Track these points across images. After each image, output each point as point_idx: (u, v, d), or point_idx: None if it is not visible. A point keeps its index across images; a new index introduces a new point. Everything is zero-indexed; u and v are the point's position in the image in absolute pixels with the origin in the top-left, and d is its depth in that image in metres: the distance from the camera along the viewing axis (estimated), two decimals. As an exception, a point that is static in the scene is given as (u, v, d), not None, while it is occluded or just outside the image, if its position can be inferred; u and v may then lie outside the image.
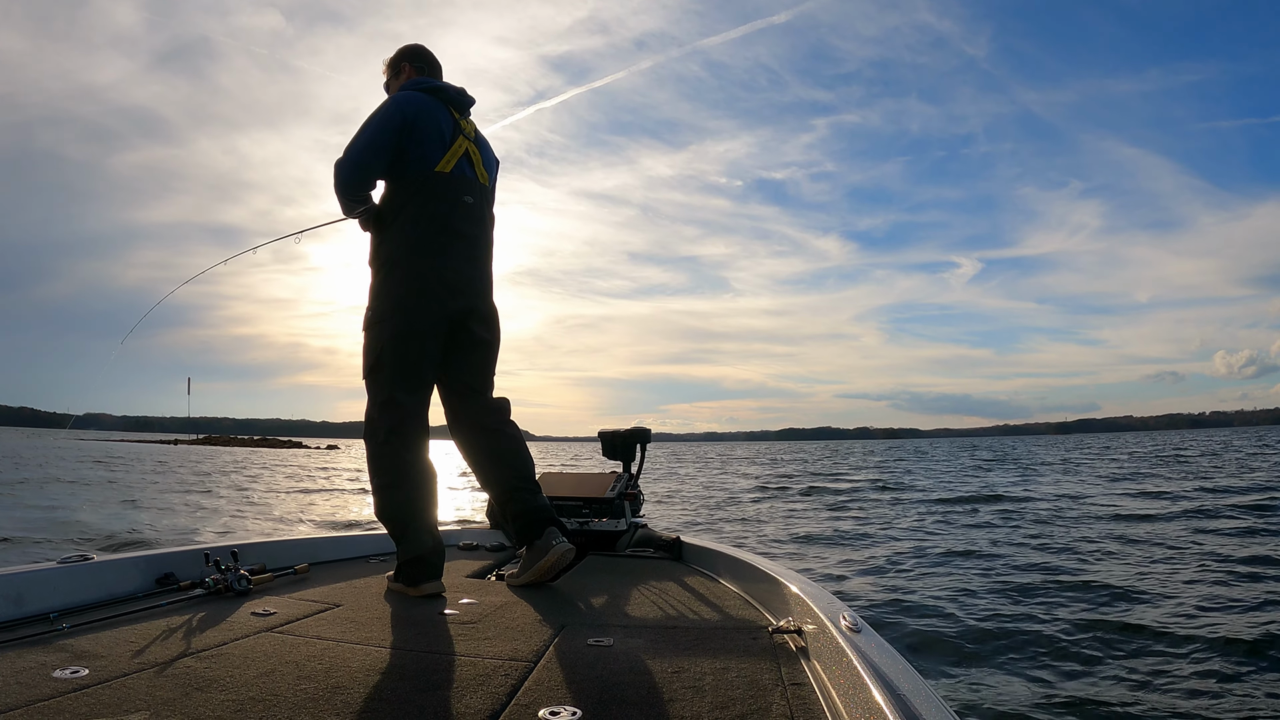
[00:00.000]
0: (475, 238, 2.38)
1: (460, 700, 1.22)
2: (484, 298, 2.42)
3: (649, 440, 3.35)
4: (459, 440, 2.43)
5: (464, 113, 2.47)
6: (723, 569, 2.44)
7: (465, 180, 2.36)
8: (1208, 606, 5.25)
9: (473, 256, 2.37)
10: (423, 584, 2.14)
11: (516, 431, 2.44)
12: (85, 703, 1.15)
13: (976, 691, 3.79)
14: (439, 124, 2.33)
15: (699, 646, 1.58)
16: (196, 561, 2.09)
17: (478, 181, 2.41)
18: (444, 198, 2.31)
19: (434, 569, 2.19)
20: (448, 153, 2.34)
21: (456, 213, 2.32)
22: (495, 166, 2.56)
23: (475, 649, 1.54)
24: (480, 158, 2.45)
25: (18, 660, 1.35)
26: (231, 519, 11.59)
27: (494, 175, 2.54)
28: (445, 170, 2.32)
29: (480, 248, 2.41)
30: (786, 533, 10.05)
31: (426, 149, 2.30)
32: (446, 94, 2.43)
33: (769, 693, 1.27)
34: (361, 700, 1.20)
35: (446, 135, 2.34)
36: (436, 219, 2.29)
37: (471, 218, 2.36)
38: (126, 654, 1.42)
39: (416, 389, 2.29)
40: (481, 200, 2.41)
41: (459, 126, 2.39)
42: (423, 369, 2.29)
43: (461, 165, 2.37)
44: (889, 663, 1.17)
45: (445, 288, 2.28)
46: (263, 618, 1.74)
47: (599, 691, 1.27)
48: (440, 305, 2.28)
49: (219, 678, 1.29)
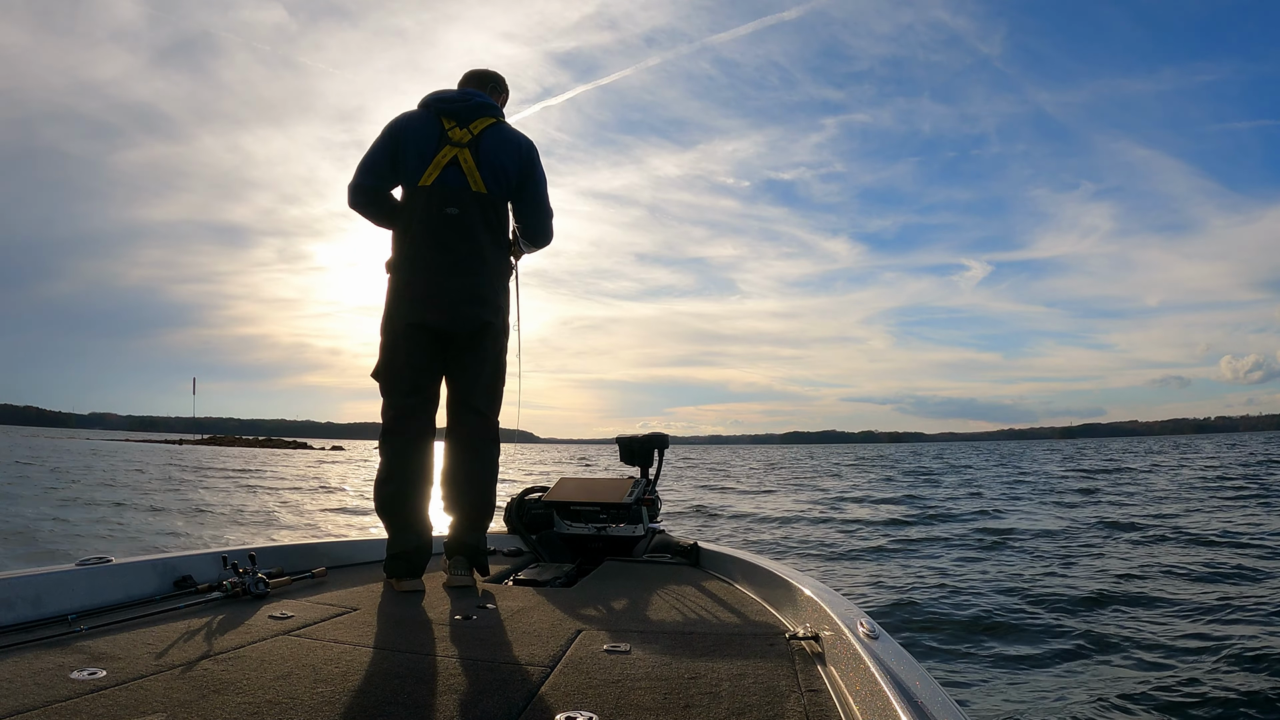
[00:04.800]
0: (458, 249, 2.34)
1: (477, 704, 1.22)
2: (471, 309, 2.36)
3: (666, 446, 3.36)
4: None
5: (462, 119, 2.41)
6: (740, 575, 2.44)
7: (448, 191, 2.34)
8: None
9: (455, 269, 2.34)
10: (402, 579, 2.22)
11: (474, 460, 2.44)
12: (102, 704, 1.15)
13: (996, 700, 3.77)
14: (420, 138, 2.36)
15: (716, 652, 1.58)
16: (214, 564, 2.10)
17: (467, 190, 2.36)
18: (424, 211, 2.34)
19: (413, 567, 2.25)
20: (429, 165, 2.35)
21: (437, 226, 2.33)
22: (506, 170, 2.43)
23: (492, 653, 1.55)
24: (476, 165, 2.38)
25: (35, 661, 1.36)
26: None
27: (502, 180, 2.43)
28: (426, 184, 2.35)
29: (467, 259, 2.35)
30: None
31: (409, 164, 2.36)
32: (440, 104, 2.43)
33: (786, 699, 1.27)
34: (378, 704, 1.20)
35: (428, 148, 2.35)
36: (415, 233, 2.35)
37: (456, 229, 2.34)
38: (144, 656, 1.42)
39: (409, 393, 2.37)
40: (472, 210, 2.36)
41: (445, 136, 2.37)
42: (412, 376, 2.37)
43: (446, 177, 2.35)
44: (906, 670, 1.17)
45: (420, 301, 2.33)
46: (280, 621, 1.75)
47: (616, 697, 1.27)
48: (417, 317, 2.33)
49: (236, 680, 1.29)
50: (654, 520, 3.22)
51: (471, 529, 2.40)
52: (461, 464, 2.44)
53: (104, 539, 9.21)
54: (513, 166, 2.45)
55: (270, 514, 13.05)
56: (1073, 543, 8.89)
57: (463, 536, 2.38)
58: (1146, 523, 10.44)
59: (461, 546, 2.37)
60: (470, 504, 2.42)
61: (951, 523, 11.39)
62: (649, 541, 3.06)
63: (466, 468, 2.44)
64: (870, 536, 9.98)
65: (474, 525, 2.41)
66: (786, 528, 11.29)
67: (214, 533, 10.50)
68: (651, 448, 3.32)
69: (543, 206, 2.59)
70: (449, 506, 2.45)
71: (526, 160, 2.49)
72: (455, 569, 2.33)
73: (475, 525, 2.41)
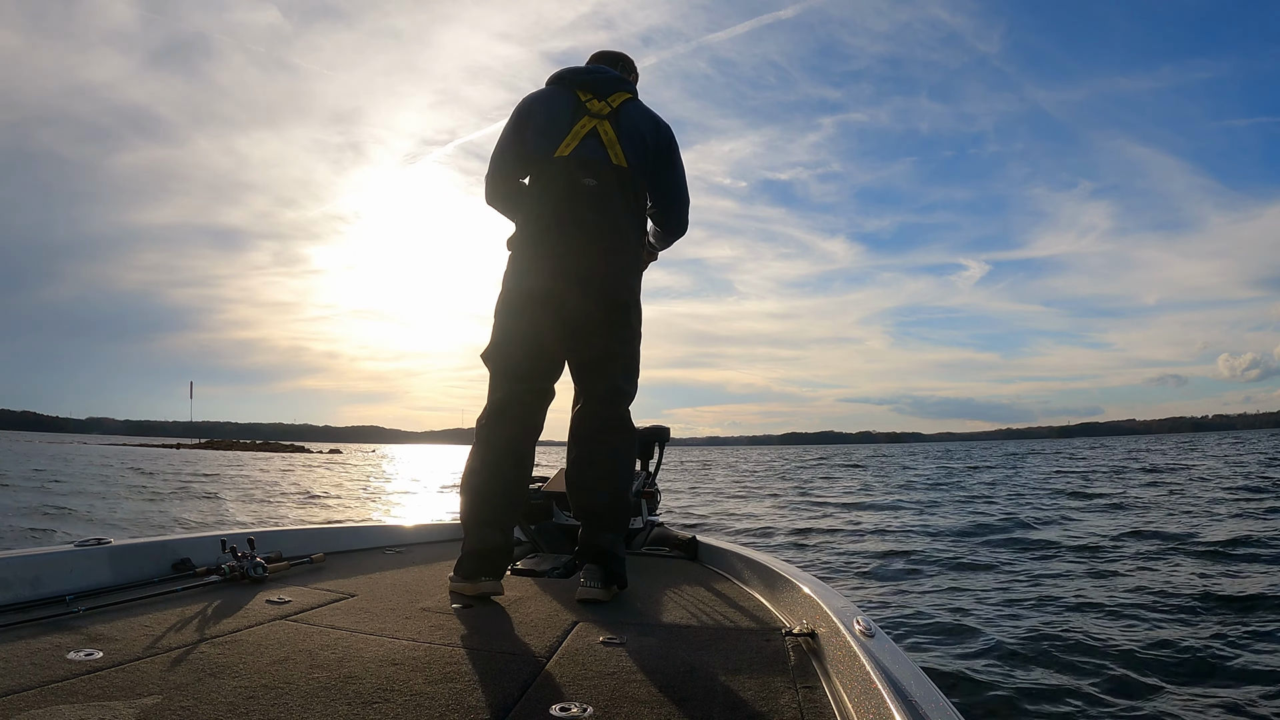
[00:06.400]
0: (597, 224, 2.16)
1: (472, 694, 1.22)
2: (606, 286, 2.17)
3: (667, 440, 3.34)
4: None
5: (600, 92, 2.27)
6: (738, 570, 2.44)
7: (587, 162, 2.18)
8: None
9: (592, 243, 2.15)
10: (479, 581, 2.00)
11: (603, 450, 2.19)
12: (98, 685, 1.16)
13: (990, 699, 3.79)
14: (555, 110, 2.23)
15: (712, 647, 1.58)
16: (213, 548, 2.10)
17: (608, 163, 2.20)
18: (560, 182, 2.17)
19: (495, 567, 2.03)
20: (567, 136, 2.19)
21: (574, 198, 2.15)
22: (646, 146, 2.28)
23: (488, 643, 1.55)
24: (617, 137, 2.22)
25: (32, 641, 1.36)
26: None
27: (643, 156, 2.26)
28: (563, 154, 2.18)
29: (604, 234, 2.17)
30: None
31: (543, 138, 2.20)
32: (575, 76, 2.31)
33: (780, 695, 1.28)
34: (373, 691, 1.21)
35: (563, 119, 2.21)
36: (550, 206, 2.16)
37: (594, 202, 2.16)
38: (141, 638, 1.43)
39: (523, 377, 2.17)
40: (611, 183, 2.19)
41: (583, 107, 2.23)
42: (530, 360, 2.17)
43: (585, 148, 2.19)
44: (901, 668, 1.17)
45: (550, 278, 2.13)
46: (277, 606, 1.76)
47: (611, 689, 1.27)
48: (545, 295, 2.14)
49: (232, 664, 1.30)
50: (653, 513, 3.22)
51: (604, 530, 2.11)
52: (591, 457, 2.19)
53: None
54: (653, 144, 2.30)
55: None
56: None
57: (594, 540, 2.09)
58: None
59: (594, 552, 2.08)
60: (602, 503, 2.14)
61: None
62: (647, 534, 3.06)
63: (597, 461, 2.18)
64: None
65: (607, 526, 2.12)
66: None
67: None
68: (652, 441, 3.30)
69: (682, 189, 2.45)
70: (577, 506, 2.20)
71: (666, 139, 2.34)
72: (588, 579, 2.03)
73: (608, 526, 2.12)
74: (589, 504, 2.17)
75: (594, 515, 2.15)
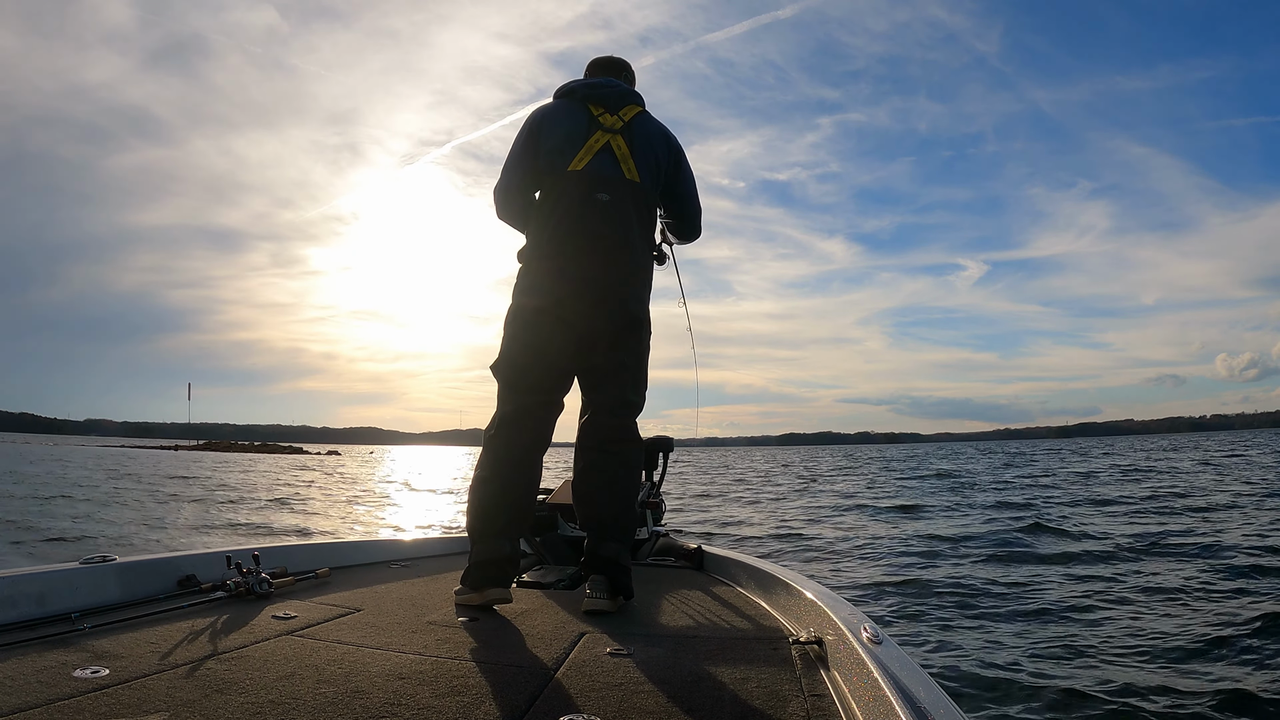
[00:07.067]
0: (609, 238, 2.18)
1: (480, 707, 1.22)
2: (617, 300, 2.19)
3: (671, 449, 3.33)
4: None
5: (611, 106, 2.29)
6: (744, 579, 2.44)
7: (600, 177, 2.19)
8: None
9: (604, 257, 2.17)
10: (486, 590, 2.00)
11: (610, 461, 2.22)
12: (105, 702, 1.16)
13: (1002, 708, 3.75)
14: (567, 124, 2.24)
15: (719, 656, 1.58)
16: (218, 564, 2.09)
17: (621, 178, 2.22)
18: (572, 196, 2.18)
19: (503, 576, 2.04)
20: (580, 150, 2.20)
21: (587, 212, 2.16)
22: (659, 160, 2.31)
23: (495, 656, 1.55)
24: (630, 152, 2.25)
25: (39, 659, 1.36)
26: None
27: (654, 171, 2.29)
28: (577, 169, 2.19)
29: (616, 249, 2.18)
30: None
31: (557, 152, 2.21)
32: (586, 90, 2.31)
33: (788, 703, 1.28)
34: (381, 705, 1.21)
35: (577, 134, 2.22)
36: (564, 219, 2.17)
37: (606, 217, 2.17)
38: (147, 655, 1.42)
39: (532, 390, 2.17)
40: (624, 197, 2.21)
41: (596, 122, 2.25)
42: (540, 372, 2.17)
43: (598, 163, 2.21)
44: (909, 675, 1.17)
45: (561, 291, 2.14)
46: (283, 621, 1.75)
47: (619, 700, 1.28)
48: (556, 308, 2.14)
49: (239, 680, 1.30)
50: (658, 524, 3.21)
51: (610, 540, 2.12)
52: (599, 469, 2.21)
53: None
54: (665, 158, 2.34)
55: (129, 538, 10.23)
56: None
57: (600, 550, 2.11)
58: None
59: (600, 563, 2.08)
60: (609, 514, 2.16)
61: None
62: (653, 545, 3.05)
63: (605, 473, 2.21)
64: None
65: (613, 536, 2.13)
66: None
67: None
68: (656, 451, 3.30)
69: (695, 200, 2.50)
70: (583, 517, 2.22)
71: (676, 152, 2.38)
72: (594, 590, 2.04)
73: (614, 536, 2.13)
74: (595, 515, 2.19)
75: (600, 526, 2.17)
